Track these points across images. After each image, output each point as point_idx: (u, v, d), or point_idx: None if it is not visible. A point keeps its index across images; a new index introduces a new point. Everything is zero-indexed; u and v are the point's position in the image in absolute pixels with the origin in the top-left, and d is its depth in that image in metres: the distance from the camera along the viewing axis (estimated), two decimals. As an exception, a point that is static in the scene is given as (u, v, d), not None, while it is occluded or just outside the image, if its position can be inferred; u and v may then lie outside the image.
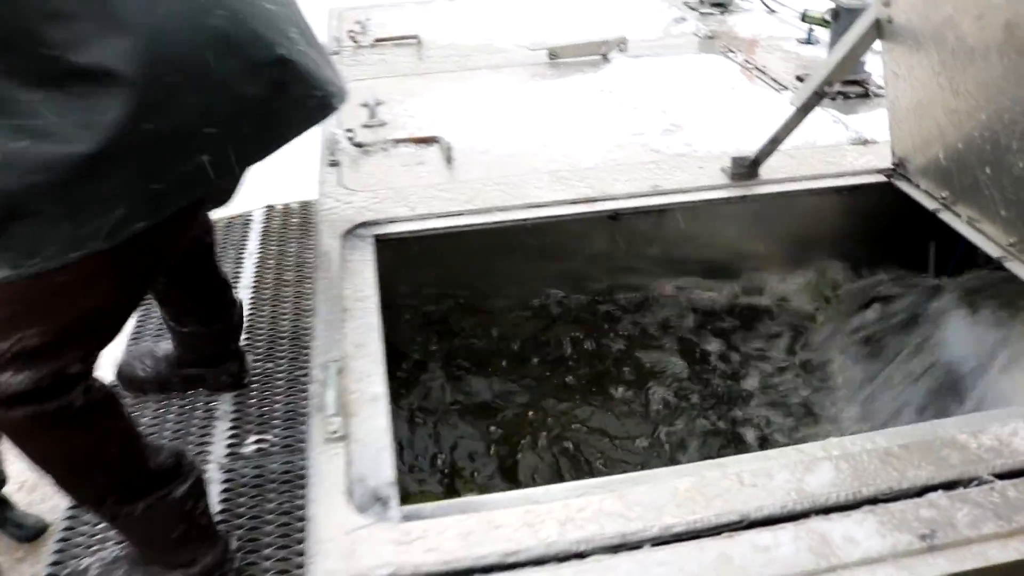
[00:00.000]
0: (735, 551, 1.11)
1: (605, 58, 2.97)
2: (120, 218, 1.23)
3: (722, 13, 3.60)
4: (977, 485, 1.22)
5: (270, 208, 3.44)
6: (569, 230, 2.01)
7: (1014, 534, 1.13)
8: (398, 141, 2.31)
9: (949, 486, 1.22)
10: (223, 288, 2.22)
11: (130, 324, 2.66)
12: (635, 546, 1.13)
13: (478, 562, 1.11)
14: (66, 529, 2.61)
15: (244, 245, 3.20)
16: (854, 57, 1.99)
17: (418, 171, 2.16)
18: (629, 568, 1.09)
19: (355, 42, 3.20)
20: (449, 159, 2.20)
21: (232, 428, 2.28)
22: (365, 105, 2.53)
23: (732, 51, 3.06)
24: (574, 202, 1.99)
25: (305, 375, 2.41)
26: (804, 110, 2.02)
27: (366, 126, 2.43)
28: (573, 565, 1.10)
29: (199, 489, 1.70)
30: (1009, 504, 1.18)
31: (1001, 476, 1.23)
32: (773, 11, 3.62)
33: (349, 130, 2.32)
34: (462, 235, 1.91)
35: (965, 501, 1.19)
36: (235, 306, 2.29)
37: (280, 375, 2.47)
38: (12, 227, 1.22)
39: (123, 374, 2.37)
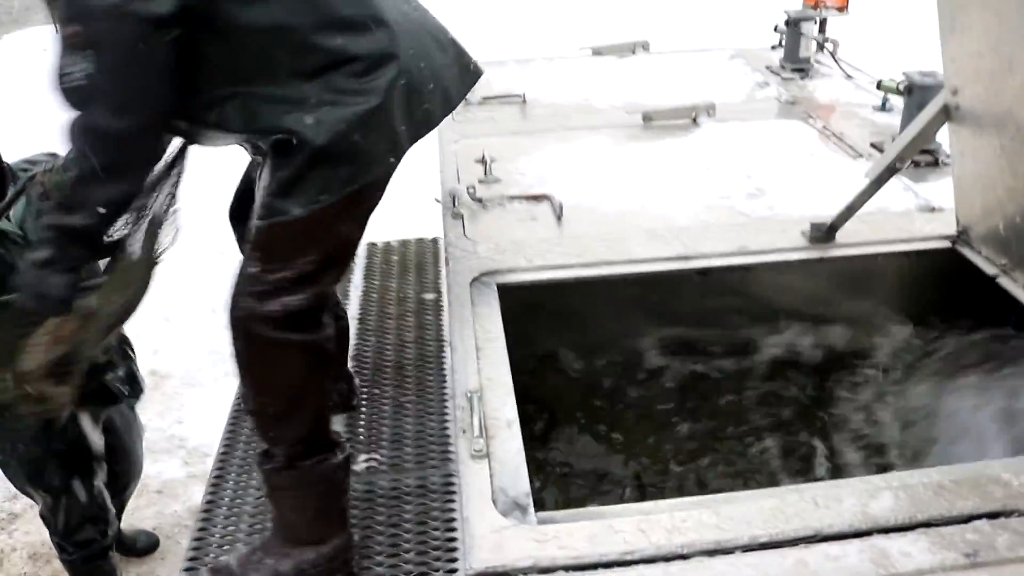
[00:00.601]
0: (810, 558, 1.37)
1: (695, 122, 3.24)
2: (380, 155, 1.72)
3: (802, 78, 3.84)
4: (1017, 516, 1.46)
5: (372, 245, 3.75)
6: (665, 283, 2.27)
7: (1044, 557, 1.37)
8: (512, 197, 2.60)
9: (992, 516, 1.45)
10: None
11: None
12: (728, 551, 1.39)
13: (601, 559, 1.38)
14: (201, 530, 2.93)
15: (349, 279, 3.50)
16: (924, 137, 2.24)
17: (531, 226, 2.44)
18: (723, 568, 1.36)
19: (465, 100, 3.51)
20: (560, 216, 2.48)
21: (344, 447, 2.56)
22: (481, 161, 2.83)
23: (812, 117, 3.31)
24: (669, 259, 2.26)
25: (410, 401, 2.66)
26: (877, 183, 2.28)
27: (482, 182, 2.72)
28: (678, 564, 1.37)
29: (348, 467, 1.99)
30: (1042, 533, 1.42)
31: (1037, 510, 1.47)
32: (850, 77, 3.85)
33: (470, 187, 2.62)
34: (575, 285, 2.19)
35: (1005, 529, 1.43)
36: (341, 313, 2.56)
37: (386, 400, 2.73)
38: (310, 174, 1.67)
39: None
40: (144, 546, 3.62)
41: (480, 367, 1.85)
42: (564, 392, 2.41)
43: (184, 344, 5.13)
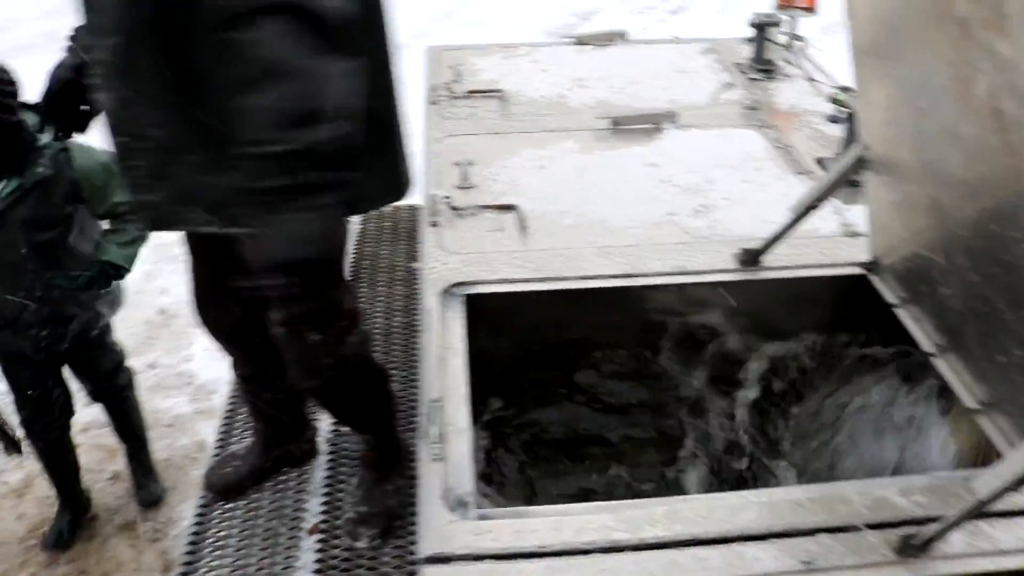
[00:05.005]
0: (681, 559, 1.76)
1: (658, 128, 3.54)
2: None
3: (767, 79, 4.11)
4: (853, 532, 1.84)
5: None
6: (610, 299, 2.61)
7: (864, 567, 1.76)
8: (483, 207, 2.90)
9: (832, 530, 1.84)
10: None
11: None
12: (619, 550, 1.78)
13: (521, 550, 1.77)
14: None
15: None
16: (840, 182, 2.56)
17: (499, 237, 2.75)
18: (612, 564, 1.75)
19: (451, 92, 3.80)
20: (523, 228, 2.81)
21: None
22: (458, 164, 3.14)
23: (766, 126, 3.60)
24: (616, 276, 2.60)
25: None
26: (798, 219, 2.62)
27: (459, 187, 3.03)
28: (579, 558, 1.76)
29: None
30: (869, 547, 1.81)
31: (870, 526, 1.85)
32: (813, 79, 4.12)
33: (447, 196, 2.92)
34: (532, 297, 2.53)
35: (840, 542, 1.81)
36: None
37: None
38: None
39: (217, 484, 2.76)
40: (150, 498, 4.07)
41: (444, 376, 2.20)
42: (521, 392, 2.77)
43: (193, 283, 5.46)
